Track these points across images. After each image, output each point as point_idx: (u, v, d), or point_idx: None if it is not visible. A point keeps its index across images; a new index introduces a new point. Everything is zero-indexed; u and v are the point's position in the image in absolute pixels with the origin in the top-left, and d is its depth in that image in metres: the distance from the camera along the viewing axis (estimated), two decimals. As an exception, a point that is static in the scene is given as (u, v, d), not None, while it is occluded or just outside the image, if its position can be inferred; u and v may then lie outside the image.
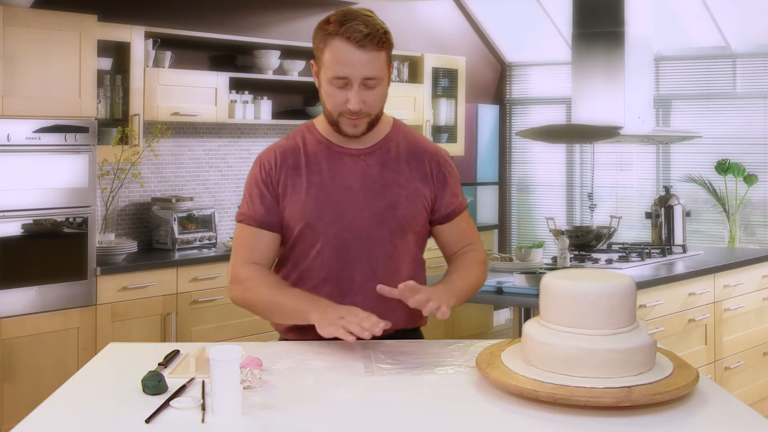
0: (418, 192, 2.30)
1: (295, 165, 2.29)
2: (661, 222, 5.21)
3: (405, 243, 2.30)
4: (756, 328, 5.03)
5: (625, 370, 1.71)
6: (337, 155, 2.29)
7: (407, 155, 2.32)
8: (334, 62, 2.16)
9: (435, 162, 2.34)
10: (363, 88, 2.18)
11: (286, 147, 2.32)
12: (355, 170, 2.27)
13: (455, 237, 2.38)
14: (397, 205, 2.27)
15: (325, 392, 1.81)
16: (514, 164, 7.81)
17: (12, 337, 4.22)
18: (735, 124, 6.64)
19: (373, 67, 2.17)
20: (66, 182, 4.42)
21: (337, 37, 2.15)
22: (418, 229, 2.32)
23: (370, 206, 2.25)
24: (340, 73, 2.16)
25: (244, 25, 5.87)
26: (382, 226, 2.26)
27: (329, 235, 2.25)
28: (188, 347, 2.13)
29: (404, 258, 2.31)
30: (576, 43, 5.38)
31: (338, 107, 2.21)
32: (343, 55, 2.15)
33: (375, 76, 2.18)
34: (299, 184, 2.27)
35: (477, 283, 2.36)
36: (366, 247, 2.25)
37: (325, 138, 2.31)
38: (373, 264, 2.26)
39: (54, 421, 1.66)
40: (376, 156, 2.30)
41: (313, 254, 2.26)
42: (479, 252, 2.40)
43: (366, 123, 2.24)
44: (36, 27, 4.32)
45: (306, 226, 2.25)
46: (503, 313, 7.38)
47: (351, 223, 2.25)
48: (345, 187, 2.26)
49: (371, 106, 2.21)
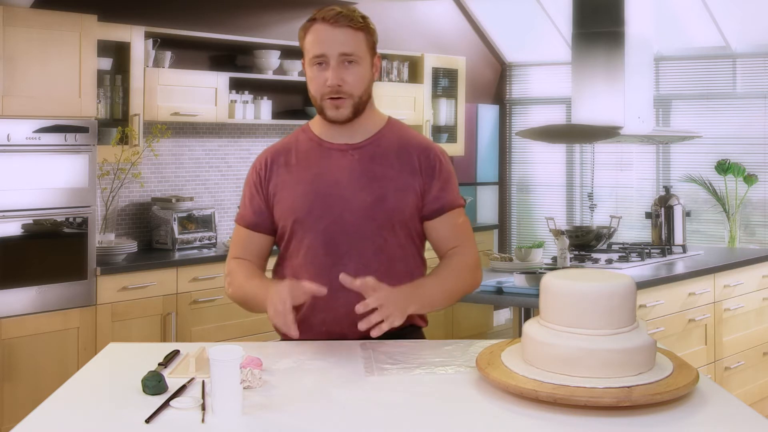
0: (407, 185, 2.28)
1: (286, 163, 2.32)
2: (661, 222, 5.21)
3: (395, 237, 2.27)
4: (756, 328, 5.03)
5: (625, 370, 1.71)
6: (326, 151, 2.30)
7: (397, 149, 2.31)
8: (313, 44, 2.25)
9: (424, 155, 2.31)
10: (341, 66, 2.22)
11: (278, 147, 2.37)
12: (343, 165, 2.28)
13: (445, 235, 2.32)
14: (386, 198, 2.25)
15: (325, 392, 1.81)
16: (514, 164, 7.81)
17: (12, 337, 4.22)
18: (735, 124, 6.64)
19: (350, 45, 2.23)
20: (66, 182, 4.42)
21: (315, 22, 2.27)
22: (409, 224, 2.29)
23: (358, 199, 2.25)
24: (317, 51, 2.24)
25: (244, 25, 5.87)
26: (370, 219, 2.24)
27: (318, 230, 2.25)
28: (188, 347, 2.13)
29: (396, 252, 2.28)
30: (576, 43, 5.38)
31: (320, 88, 2.25)
32: (318, 35, 2.25)
33: (352, 53, 2.22)
34: (289, 181, 2.30)
35: (459, 289, 2.30)
36: (355, 241, 2.24)
37: (317, 136, 2.34)
38: (364, 258, 2.24)
39: (54, 421, 1.66)
40: (366, 150, 2.30)
41: (304, 250, 2.27)
42: (470, 256, 2.32)
43: (349, 106, 2.25)
44: (36, 27, 4.32)
45: (296, 222, 2.27)
46: (503, 313, 7.38)
47: (339, 217, 2.24)
48: (333, 181, 2.27)
49: (351, 85, 2.23)
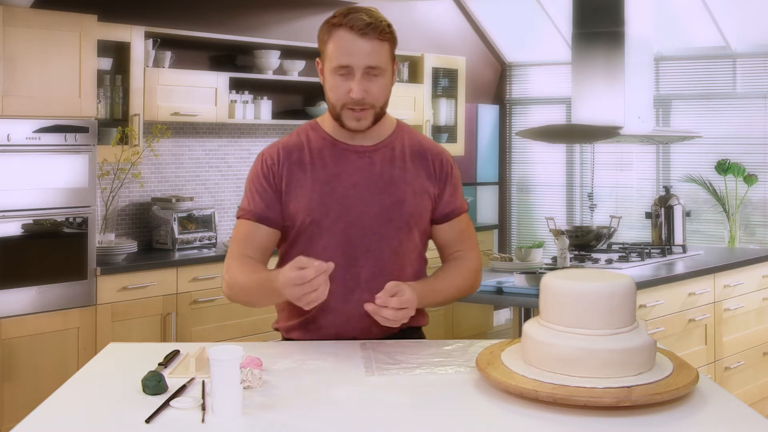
0: (423, 189, 2.29)
1: (300, 161, 2.27)
2: (661, 222, 5.21)
3: (411, 239, 2.29)
4: (756, 328, 5.03)
5: (625, 370, 1.71)
6: (342, 152, 2.27)
7: (411, 153, 2.31)
8: (338, 51, 2.17)
9: (438, 160, 2.33)
10: (366, 78, 2.17)
11: (289, 143, 2.30)
12: (361, 167, 2.26)
13: (452, 239, 2.37)
14: (404, 201, 2.26)
15: (325, 392, 1.81)
16: (514, 164, 7.81)
17: (12, 337, 4.22)
18: (735, 124, 6.64)
19: (376, 57, 2.17)
20: (66, 182, 4.42)
21: (340, 28, 2.17)
22: (423, 226, 2.31)
23: (377, 202, 2.24)
24: (343, 62, 2.16)
25: (244, 25, 5.87)
26: (389, 222, 2.25)
27: (335, 231, 2.23)
28: (188, 347, 2.13)
29: (410, 255, 2.30)
30: (576, 43, 5.38)
31: (342, 98, 2.20)
32: (346, 44, 2.16)
33: (378, 65, 2.18)
34: (304, 180, 2.25)
35: (462, 291, 2.35)
36: (373, 244, 2.24)
37: (329, 135, 2.30)
38: (380, 260, 2.24)
39: (54, 421, 1.66)
40: (381, 153, 2.29)
41: (319, 251, 2.22)
42: (473, 260, 2.37)
43: (371, 116, 2.22)
44: (36, 27, 4.32)
45: (312, 222, 2.23)
46: (503, 313, 7.38)
47: (357, 219, 2.23)
48: (351, 183, 2.25)
49: (375, 97, 2.20)
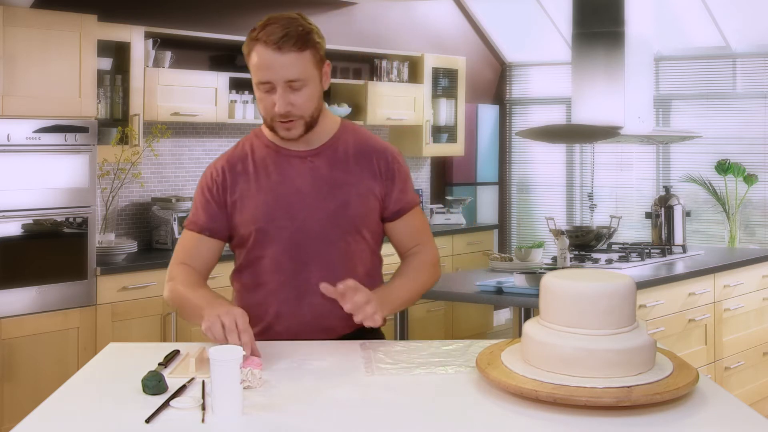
0: (368, 189, 2.29)
1: (244, 171, 2.28)
2: (661, 222, 5.21)
3: (359, 242, 2.29)
4: (756, 328, 5.04)
5: (625, 370, 1.71)
6: (285, 158, 2.28)
7: (355, 154, 2.30)
8: (257, 68, 2.16)
9: (383, 159, 2.32)
10: (288, 91, 2.16)
11: (233, 156, 2.32)
12: (304, 172, 2.26)
13: (406, 235, 2.37)
14: (349, 204, 2.26)
15: (325, 392, 1.81)
16: (514, 164, 7.81)
17: (12, 337, 4.22)
18: (735, 124, 6.65)
19: (295, 69, 2.15)
20: (66, 182, 4.42)
21: (257, 42, 2.15)
22: (371, 227, 2.31)
23: (322, 207, 2.25)
24: (263, 78, 2.16)
25: (244, 25, 5.86)
26: (335, 226, 2.25)
27: (282, 238, 2.24)
28: (188, 347, 2.13)
29: (360, 255, 2.30)
30: (576, 43, 5.39)
31: (269, 112, 2.20)
32: (263, 59, 2.14)
33: (298, 78, 2.15)
34: (249, 189, 2.27)
35: (423, 288, 2.36)
36: (320, 248, 2.25)
37: (272, 143, 2.30)
38: (329, 264, 2.25)
39: (54, 421, 1.66)
40: (324, 156, 2.28)
41: (268, 258, 2.26)
42: (429, 253, 2.38)
43: (300, 126, 2.21)
44: (36, 27, 4.32)
45: (259, 231, 2.25)
46: (503, 313, 7.38)
47: (303, 225, 2.24)
48: (295, 189, 2.25)
49: (301, 108, 2.19)
